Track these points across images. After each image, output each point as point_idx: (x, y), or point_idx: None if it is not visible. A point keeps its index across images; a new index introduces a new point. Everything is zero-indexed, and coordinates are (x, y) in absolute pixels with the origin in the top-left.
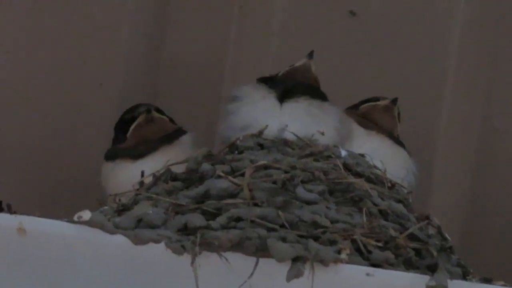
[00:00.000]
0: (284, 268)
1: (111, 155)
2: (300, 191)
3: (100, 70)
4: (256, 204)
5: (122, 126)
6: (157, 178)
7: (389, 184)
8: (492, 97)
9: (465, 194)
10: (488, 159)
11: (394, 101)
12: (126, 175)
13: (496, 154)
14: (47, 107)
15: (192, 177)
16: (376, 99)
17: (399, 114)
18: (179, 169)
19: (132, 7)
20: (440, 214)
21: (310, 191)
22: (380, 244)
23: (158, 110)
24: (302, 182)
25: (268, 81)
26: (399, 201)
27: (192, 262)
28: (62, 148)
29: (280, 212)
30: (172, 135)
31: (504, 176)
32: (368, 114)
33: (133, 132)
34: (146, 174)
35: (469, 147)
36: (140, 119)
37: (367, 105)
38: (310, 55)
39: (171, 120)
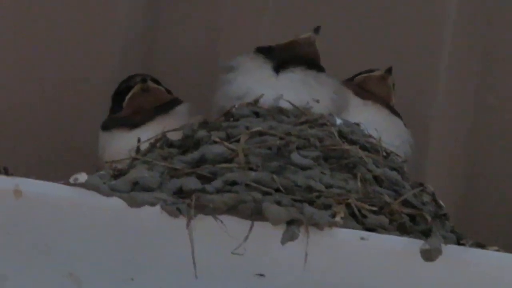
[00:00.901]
0: (279, 231)
1: (107, 125)
2: (295, 156)
3: (97, 47)
4: (251, 169)
5: (118, 95)
6: (153, 145)
7: (384, 153)
8: (485, 74)
9: (460, 170)
10: (481, 136)
11: (389, 70)
12: (122, 145)
13: (489, 131)
14: (47, 75)
15: (188, 144)
16: (371, 70)
17: (393, 84)
18: (175, 138)
19: None
20: (436, 188)
21: (305, 157)
22: (374, 209)
23: (154, 80)
24: (297, 148)
25: (265, 51)
26: (394, 169)
27: (188, 225)
28: (61, 115)
29: (274, 176)
30: (168, 105)
31: (497, 153)
32: (364, 85)
33: (128, 102)
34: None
35: (463, 123)
36: (135, 89)
37: (362, 76)
38: (317, 30)
39: (168, 91)
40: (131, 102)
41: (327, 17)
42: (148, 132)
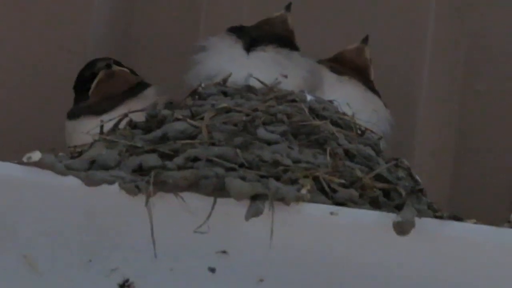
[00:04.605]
0: (243, 207)
1: (74, 114)
2: (261, 131)
3: (69, 34)
4: (214, 144)
5: (82, 84)
6: (115, 125)
7: (359, 131)
8: (472, 60)
9: (448, 153)
10: (468, 121)
11: (365, 40)
12: (91, 131)
13: (476, 115)
14: (13, 62)
15: (152, 124)
16: None
17: (370, 59)
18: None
19: None
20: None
21: (272, 132)
22: (344, 182)
23: (117, 63)
24: (264, 124)
25: (237, 31)
26: (368, 146)
27: (146, 203)
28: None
29: (238, 151)
30: (136, 89)
31: (484, 138)
32: (340, 59)
33: (95, 89)
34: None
35: (450, 107)
36: (100, 76)
37: (338, 51)
38: (288, 7)
39: (132, 71)
40: (97, 89)
41: None
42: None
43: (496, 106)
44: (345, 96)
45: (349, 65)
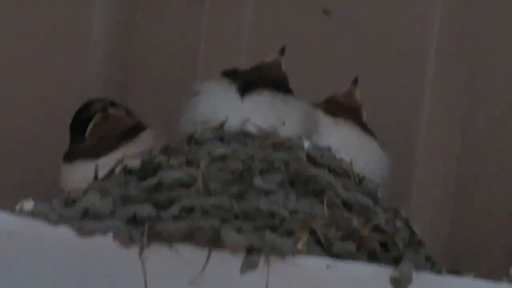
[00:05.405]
0: (238, 260)
1: (70, 157)
2: (258, 181)
3: (68, 65)
4: (210, 194)
5: (78, 125)
6: (110, 172)
7: (357, 179)
8: (471, 98)
9: (448, 198)
10: (471, 161)
11: (354, 82)
12: (87, 175)
13: (479, 155)
14: (11, 100)
15: (147, 170)
16: None
17: (361, 102)
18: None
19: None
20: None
21: (268, 181)
22: (341, 235)
23: (113, 104)
24: (261, 172)
25: (232, 74)
26: (367, 195)
27: (140, 254)
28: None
29: (234, 202)
30: (132, 132)
31: (487, 178)
32: (331, 103)
33: (91, 132)
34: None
35: (451, 148)
36: (96, 118)
37: (329, 95)
38: (282, 51)
39: (128, 112)
40: (93, 132)
41: (306, 37)
42: (113, 161)
43: (497, 148)
44: (342, 139)
45: (341, 108)
